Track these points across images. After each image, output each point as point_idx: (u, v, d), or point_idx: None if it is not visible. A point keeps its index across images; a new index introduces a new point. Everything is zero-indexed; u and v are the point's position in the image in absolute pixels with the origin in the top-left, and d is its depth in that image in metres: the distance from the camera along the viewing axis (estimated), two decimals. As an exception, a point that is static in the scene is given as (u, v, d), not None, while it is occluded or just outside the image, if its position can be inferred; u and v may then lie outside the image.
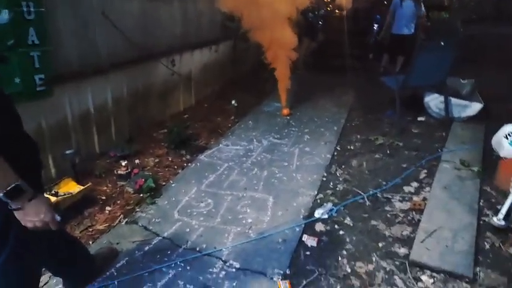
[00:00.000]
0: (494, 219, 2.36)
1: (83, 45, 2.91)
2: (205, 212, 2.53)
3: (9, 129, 1.20)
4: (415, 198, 2.74)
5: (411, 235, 2.32)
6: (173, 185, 2.87)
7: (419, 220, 2.44)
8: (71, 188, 2.57)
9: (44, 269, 1.77)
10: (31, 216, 1.16)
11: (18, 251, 1.28)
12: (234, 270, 2.02)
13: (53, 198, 2.35)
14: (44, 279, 1.89)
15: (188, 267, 2.03)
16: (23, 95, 2.42)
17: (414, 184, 2.95)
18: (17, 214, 1.15)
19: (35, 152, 1.34)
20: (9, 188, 1.08)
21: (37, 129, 2.62)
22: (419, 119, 4.36)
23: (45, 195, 2.31)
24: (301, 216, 2.50)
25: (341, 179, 3.02)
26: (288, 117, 4.42)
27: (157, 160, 3.23)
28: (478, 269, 2.03)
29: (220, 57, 5.20)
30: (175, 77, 4.16)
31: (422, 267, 2.05)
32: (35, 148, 1.33)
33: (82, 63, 2.91)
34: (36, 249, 1.38)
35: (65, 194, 2.48)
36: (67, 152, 2.71)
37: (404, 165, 3.24)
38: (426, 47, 4.10)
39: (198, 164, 3.22)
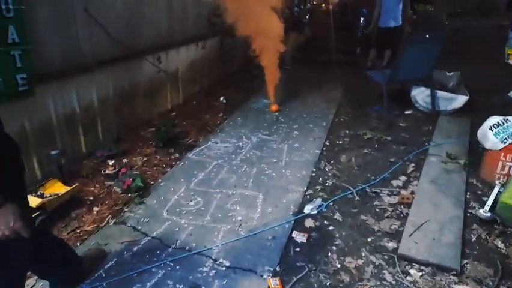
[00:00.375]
0: (481, 211, 2.40)
1: (66, 43, 2.85)
2: (194, 211, 2.52)
3: None
4: (403, 192, 2.76)
5: (400, 229, 2.34)
6: (162, 184, 2.85)
7: (407, 214, 2.47)
8: (57, 189, 2.53)
9: (30, 272, 1.74)
10: (2, 224, 1.11)
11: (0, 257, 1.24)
12: (223, 268, 2.01)
13: (38, 200, 2.31)
14: (30, 282, 1.86)
15: (177, 267, 2.02)
16: (5, 95, 2.36)
17: (403, 178, 2.97)
18: None
19: (17, 154, 1.30)
20: None
21: (20, 130, 2.56)
22: (407, 112, 4.40)
23: (31, 196, 2.29)
24: (291, 213, 2.51)
25: (330, 175, 3.03)
26: (277, 114, 4.41)
27: (145, 159, 3.19)
28: (465, 261, 2.07)
29: (207, 53, 5.16)
30: (161, 74, 4.11)
31: (411, 260, 2.07)
32: (16, 149, 1.29)
33: (65, 61, 2.85)
34: (18, 254, 1.35)
35: (51, 196, 2.43)
36: (52, 152, 2.66)
37: (392, 160, 3.27)
38: (412, 40, 4.13)
39: (187, 162, 3.20)
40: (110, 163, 2.96)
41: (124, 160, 3.13)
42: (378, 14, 5.74)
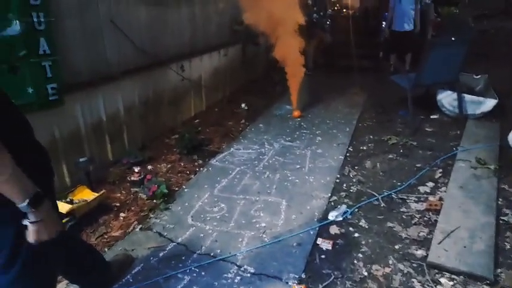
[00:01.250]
0: (515, 218, 2.30)
1: (93, 54, 2.95)
2: (218, 217, 2.53)
3: (20, 137, 1.20)
4: (431, 198, 2.69)
5: (428, 236, 2.28)
6: (186, 190, 2.88)
7: (435, 221, 2.40)
8: (85, 195, 2.60)
9: (60, 276, 1.79)
10: (49, 227, 1.14)
11: (31, 264, 1.27)
12: (248, 275, 2.00)
13: (68, 206, 2.38)
14: (61, 286, 1.91)
15: (203, 273, 2.03)
16: (36, 104, 2.45)
17: (430, 184, 2.90)
18: (34, 226, 1.10)
19: (47, 161, 1.34)
20: (31, 196, 1.05)
21: (50, 139, 2.66)
22: (433, 117, 4.29)
23: (60, 202, 2.36)
24: (316, 219, 2.48)
25: (354, 181, 2.99)
26: (299, 120, 4.40)
27: (169, 166, 3.24)
28: (499, 270, 1.98)
29: (229, 61, 5.21)
30: (185, 82, 4.19)
31: (441, 269, 2.00)
32: (46, 156, 1.33)
33: (92, 71, 2.95)
34: (50, 259, 1.39)
35: (80, 202, 2.50)
36: (81, 160, 2.74)
37: (419, 165, 3.19)
38: (437, 43, 4.05)
39: (210, 168, 3.22)
40: (136, 170, 3.02)
41: (149, 167, 3.19)
42: (391, 18, 5.71)
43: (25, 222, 1.10)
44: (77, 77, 2.81)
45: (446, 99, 4.25)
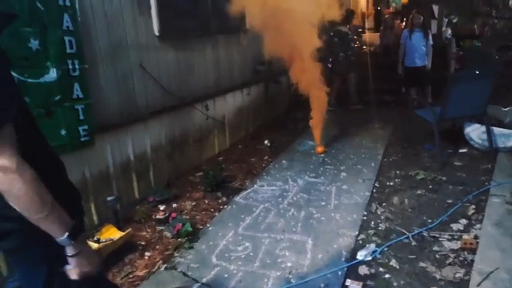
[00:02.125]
0: (560, 258, 2.14)
1: (123, 96, 3.10)
2: (243, 256, 2.49)
3: (54, 177, 1.26)
4: (465, 236, 2.56)
5: (465, 277, 2.15)
6: (210, 228, 2.87)
7: (472, 261, 2.27)
8: (112, 234, 2.63)
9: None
10: (90, 258, 1.15)
11: None
12: (275, 318, 1.93)
13: (95, 245, 2.41)
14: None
15: (228, 315, 1.97)
16: (68, 146, 2.57)
17: (463, 221, 2.77)
18: (76, 259, 1.11)
19: (79, 201, 1.39)
20: (69, 228, 1.07)
21: (81, 178, 2.75)
22: (461, 151, 4.17)
23: (88, 242, 2.39)
24: (343, 259, 2.40)
25: (382, 218, 2.90)
26: (323, 155, 4.37)
27: (194, 203, 3.26)
28: (546, 316, 1.83)
29: (252, 99, 5.34)
30: (209, 121, 4.30)
31: (482, 314, 1.87)
32: (78, 197, 1.38)
33: (122, 113, 3.08)
34: None
35: (106, 241, 2.53)
36: (109, 198, 2.81)
37: (450, 201, 3.07)
38: (461, 77, 4.01)
39: (234, 206, 3.22)
40: (161, 208, 3.06)
41: (174, 205, 3.22)
42: (403, 54, 5.82)
43: (68, 262, 1.11)
44: (107, 119, 2.95)
45: (475, 132, 4.14)
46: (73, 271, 1.13)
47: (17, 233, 1.07)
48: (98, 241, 2.52)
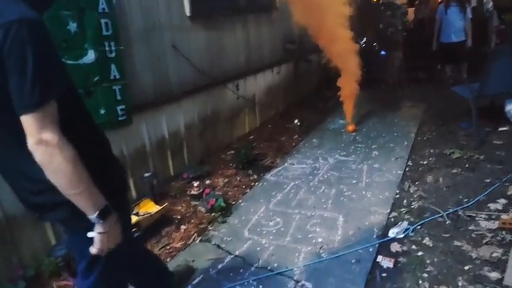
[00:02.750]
0: None
1: (157, 77, 3.18)
2: (274, 231, 2.55)
3: (101, 152, 1.34)
4: (504, 216, 2.47)
5: (503, 257, 2.10)
6: (242, 204, 2.94)
7: (510, 241, 2.21)
8: (150, 208, 2.76)
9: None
10: (111, 238, 1.22)
11: (107, 271, 1.38)
12: (307, 290, 1.99)
13: (134, 218, 2.54)
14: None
15: (260, 286, 2.05)
16: (107, 124, 2.68)
17: (502, 201, 2.68)
18: (99, 237, 1.18)
19: (123, 174, 1.47)
20: (101, 208, 1.14)
21: (119, 155, 2.87)
22: (501, 129, 3.98)
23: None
24: (375, 236, 2.40)
25: (415, 196, 2.86)
26: (354, 134, 4.32)
27: (226, 180, 3.34)
28: None
29: (282, 78, 5.31)
30: (240, 100, 4.33)
31: (519, 293, 1.84)
32: (123, 170, 1.46)
33: (156, 92, 3.17)
34: (123, 268, 1.50)
35: (144, 214, 2.66)
36: (146, 175, 2.93)
37: (488, 180, 2.97)
38: (503, 50, 3.80)
39: (265, 183, 3.27)
40: (195, 184, 3.16)
41: (207, 181, 3.32)
42: (438, 29, 5.55)
43: (90, 234, 1.19)
44: (143, 99, 3.04)
45: (517, 109, 3.94)
46: (94, 245, 1.20)
47: (66, 205, 1.15)
48: (137, 214, 2.66)
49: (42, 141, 1.01)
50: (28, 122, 1.01)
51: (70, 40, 2.44)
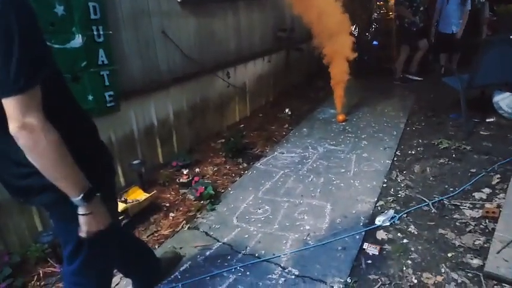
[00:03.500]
0: None
1: (146, 63, 3.13)
2: (262, 219, 2.57)
3: (88, 138, 1.32)
4: (488, 205, 2.53)
5: (485, 245, 2.15)
6: (231, 192, 2.95)
7: (493, 229, 2.25)
8: (138, 195, 2.75)
9: (115, 270, 1.91)
10: (98, 219, 1.22)
11: (92, 257, 1.38)
12: (293, 277, 2.01)
13: (122, 205, 2.53)
14: (115, 280, 2.03)
15: (248, 273, 2.07)
16: (95, 110, 2.64)
17: (486, 190, 2.73)
18: (84, 219, 1.19)
19: (110, 159, 1.46)
20: (85, 191, 1.14)
21: (107, 142, 2.82)
22: (489, 120, 4.04)
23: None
24: (361, 224, 2.43)
25: (402, 185, 2.89)
26: (344, 123, 4.33)
27: (215, 168, 3.34)
28: None
29: (273, 67, 5.27)
30: (230, 88, 4.30)
31: (500, 280, 1.88)
32: (110, 155, 1.44)
33: (145, 79, 3.12)
34: (108, 254, 1.49)
35: (133, 201, 2.65)
36: (134, 162, 2.91)
37: (473, 170, 3.02)
38: (493, 42, 3.82)
39: (254, 171, 3.27)
40: (184, 172, 3.15)
41: (197, 169, 3.31)
42: (437, 20, 5.54)
43: (78, 211, 1.18)
44: (131, 85, 3.00)
45: (504, 101, 3.98)
46: (81, 227, 1.21)
47: (52, 189, 1.14)
48: (125, 201, 2.65)
49: (27, 126, 0.99)
50: (11, 105, 0.98)
51: (57, 23, 2.37)
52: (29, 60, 0.99)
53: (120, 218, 2.44)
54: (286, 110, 4.72)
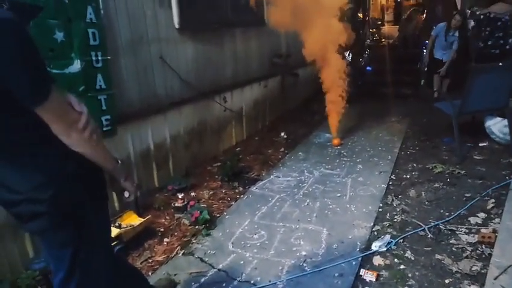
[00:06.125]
0: None
1: (144, 87, 3.17)
2: (258, 244, 2.54)
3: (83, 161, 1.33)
4: (483, 230, 2.53)
5: (482, 271, 2.13)
6: (227, 216, 2.93)
7: (489, 254, 2.25)
8: (132, 220, 2.72)
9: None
10: (133, 180, 1.45)
11: (84, 283, 1.35)
12: (289, 304, 1.98)
13: (116, 230, 2.50)
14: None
15: (243, 300, 2.03)
16: (92, 134, 2.66)
17: (481, 215, 2.74)
18: (127, 182, 1.41)
19: (104, 186, 1.45)
20: (118, 158, 1.36)
21: (104, 166, 2.84)
22: (481, 144, 4.10)
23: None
24: (358, 249, 2.41)
25: (398, 210, 2.89)
26: (339, 147, 4.37)
27: (211, 192, 3.33)
28: None
29: (269, 92, 5.36)
30: (227, 113, 4.35)
31: (498, 306, 1.86)
32: (104, 182, 1.44)
33: (142, 103, 3.16)
34: (100, 281, 1.47)
35: (127, 226, 2.62)
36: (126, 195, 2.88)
37: (468, 195, 3.03)
38: (483, 69, 3.93)
39: (251, 195, 3.27)
40: (180, 196, 3.13)
41: (192, 193, 3.29)
42: (430, 50, 5.86)
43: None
44: (129, 109, 3.03)
45: (496, 126, 4.05)
46: (130, 189, 1.43)
47: (46, 216, 1.14)
48: (119, 226, 2.62)
49: (75, 121, 1.11)
50: (52, 110, 1.06)
51: (56, 49, 2.42)
52: (41, 65, 1.07)
53: (114, 243, 2.41)
54: (282, 134, 4.76)
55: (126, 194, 1.43)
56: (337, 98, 4.43)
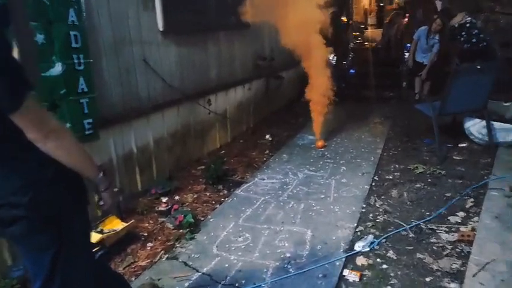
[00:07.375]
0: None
1: (126, 90, 3.14)
2: (243, 247, 2.54)
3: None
4: (463, 228, 2.59)
5: (462, 269, 2.19)
6: (211, 220, 2.92)
7: (468, 252, 2.31)
8: (115, 225, 2.67)
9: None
10: (113, 192, 1.40)
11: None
12: (274, 306, 1.98)
13: (98, 236, 2.46)
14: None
15: (228, 303, 2.02)
16: (73, 139, 2.61)
17: (461, 214, 2.80)
18: (106, 193, 1.37)
19: (84, 192, 1.43)
20: (101, 169, 1.33)
21: (85, 170, 2.79)
22: (461, 145, 4.20)
23: (92, 232, 2.44)
24: (342, 250, 2.44)
25: (381, 210, 2.93)
26: (323, 149, 4.41)
27: (195, 196, 3.31)
28: (540, 305, 1.87)
29: (253, 94, 5.37)
30: (211, 115, 4.33)
31: (476, 303, 1.91)
32: (84, 188, 1.42)
33: (125, 106, 3.12)
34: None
35: (109, 232, 2.58)
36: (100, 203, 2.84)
37: (448, 194, 3.10)
38: (462, 71, 4.03)
39: (235, 198, 3.26)
40: (163, 200, 3.10)
41: (176, 197, 3.27)
42: (413, 53, 5.96)
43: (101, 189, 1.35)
44: (111, 112, 2.99)
45: (475, 127, 4.16)
46: (104, 204, 1.39)
47: (24, 220, 1.12)
48: (101, 232, 2.57)
49: (51, 130, 1.09)
50: (27, 118, 1.05)
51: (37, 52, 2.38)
52: (19, 71, 1.05)
53: (96, 249, 2.37)
54: (267, 136, 4.77)
55: (101, 202, 1.41)
56: (320, 100, 4.46)
